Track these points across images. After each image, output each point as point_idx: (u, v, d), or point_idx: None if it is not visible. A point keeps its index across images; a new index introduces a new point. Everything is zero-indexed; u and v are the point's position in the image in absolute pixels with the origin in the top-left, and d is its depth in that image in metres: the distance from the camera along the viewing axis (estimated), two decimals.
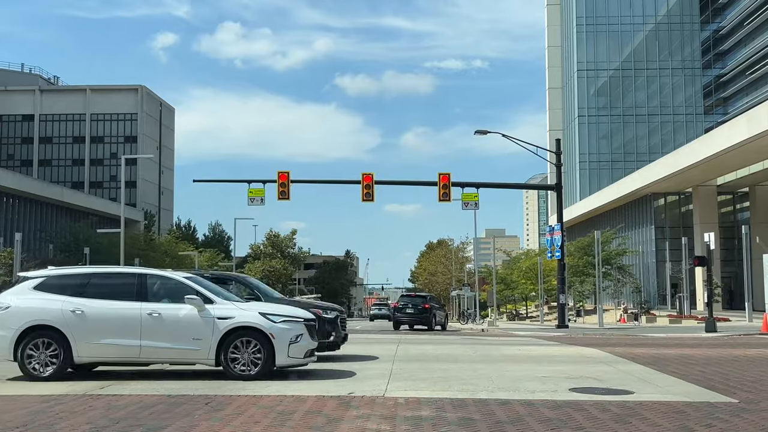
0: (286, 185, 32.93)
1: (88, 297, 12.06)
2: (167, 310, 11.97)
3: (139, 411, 8.90)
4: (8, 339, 11.80)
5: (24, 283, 12.44)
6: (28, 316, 11.89)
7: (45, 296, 12.10)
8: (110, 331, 11.89)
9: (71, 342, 11.81)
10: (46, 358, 11.80)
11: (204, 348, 11.82)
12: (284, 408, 9.09)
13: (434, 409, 9.04)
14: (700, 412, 8.99)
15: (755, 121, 37.44)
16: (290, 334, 11.87)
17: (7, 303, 12.09)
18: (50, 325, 11.84)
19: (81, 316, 11.88)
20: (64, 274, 12.65)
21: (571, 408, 9.17)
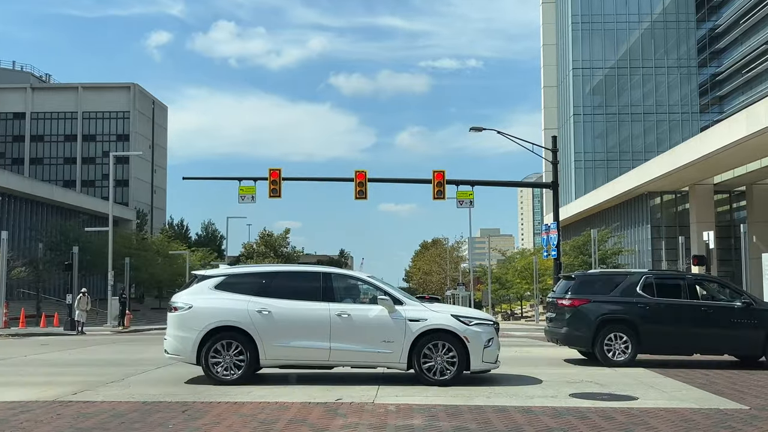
0: (278, 183, 32.29)
1: (272, 297, 11.37)
2: (357, 311, 11.31)
3: (110, 420, 8.31)
4: (191, 341, 11.14)
5: (203, 282, 11.70)
6: (212, 316, 11.21)
7: (228, 296, 11.41)
8: (299, 333, 11.19)
9: (258, 344, 11.13)
10: (232, 361, 11.14)
11: (396, 351, 11.12)
12: (266, 416, 8.51)
13: (427, 417, 8.47)
14: (710, 420, 8.45)
15: (754, 118, 36.94)
16: (484, 337, 11.27)
17: (189, 303, 11.39)
18: (236, 326, 11.16)
19: (268, 316, 11.18)
20: (245, 272, 12.02)
21: (573, 416, 8.62)
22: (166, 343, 11.60)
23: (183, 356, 11.36)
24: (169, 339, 11.52)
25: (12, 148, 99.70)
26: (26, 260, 50.41)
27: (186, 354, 11.27)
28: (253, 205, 49.21)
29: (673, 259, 50.81)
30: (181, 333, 11.31)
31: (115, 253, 43.00)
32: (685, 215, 57.30)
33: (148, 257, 64.18)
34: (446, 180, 32.79)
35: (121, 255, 50.85)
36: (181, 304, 11.47)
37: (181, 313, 11.40)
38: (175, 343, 11.40)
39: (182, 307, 11.41)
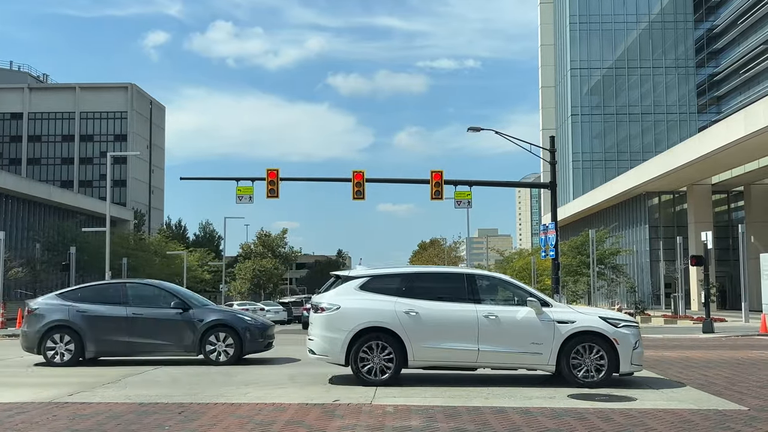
0: (275, 183, 32.22)
1: (417, 298, 11.29)
2: (504, 312, 11.24)
3: (106, 421, 8.26)
4: (341, 341, 11.08)
5: (348, 283, 11.62)
6: (360, 317, 11.15)
7: (374, 297, 11.35)
8: (447, 335, 11.10)
9: (407, 345, 11.05)
10: (381, 362, 11.08)
11: (545, 353, 11.04)
12: (263, 418, 8.47)
13: (424, 418, 8.42)
14: (708, 421, 8.42)
15: (752, 118, 36.99)
16: (632, 339, 11.17)
17: (337, 303, 11.31)
18: (384, 327, 11.10)
19: (416, 317, 11.10)
20: (390, 273, 11.90)
21: (572, 417, 8.58)
22: (312, 344, 11.50)
23: (331, 357, 11.30)
24: (315, 340, 11.42)
25: (9, 149, 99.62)
26: (23, 260, 50.35)
27: (334, 355, 11.21)
28: (251, 206, 49.23)
29: (671, 260, 50.84)
30: (329, 334, 11.23)
31: (112, 254, 42.91)
32: (683, 215, 57.34)
33: (145, 258, 64.12)
34: (444, 180, 32.76)
35: (118, 255, 50.80)
36: (328, 305, 11.38)
37: (328, 314, 11.31)
38: (322, 344, 11.31)
39: (329, 308, 11.32)
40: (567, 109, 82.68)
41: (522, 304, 11.36)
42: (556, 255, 35.16)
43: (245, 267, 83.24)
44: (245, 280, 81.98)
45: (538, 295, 11.55)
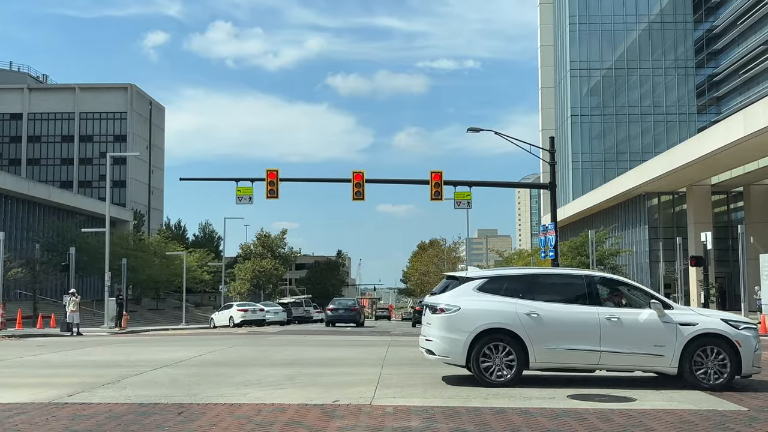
0: (275, 183, 32.24)
1: (537, 299, 11.29)
2: (626, 314, 11.19)
3: (106, 422, 8.25)
4: (462, 342, 11.06)
5: (466, 285, 11.57)
6: (481, 318, 11.11)
7: (493, 298, 11.33)
8: (568, 336, 11.07)
9: (528, 346, 11.03)
10: (502, 363, 11.05)
11: (667, 355, 11.00)
12: (263, 418, 8.46)
13: (424, 419, 8.42)
14: (708, 422, 8.42)
15: (751, 118, 37.01)
16: (753, 341, 11.14)
17: (457, 304, 11.28)
18: (505, 328, 11.08)
19: (537, 319, 11.08)
20: (508, 275, 11.92)
21: (571, 417, 8.58)
22: (432, 345, 11.45)
23: (451, 358, 11.28)
24: (435, 340, 11.38)
25: (9, 149, 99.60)
26: (23, 261, 50.26)
27: (455, 356, 11.19)
28: (251, 206, 49.25)
29: (671, 260, 50.83)
30: (449, 335, 11.19)
31: (112, 254, 42.92)
32: (683, 216, 57.35)
33: (145, 258, 64.12)
34: (444, 181, 32.78)
35: (118, 256, 50.79)
36: (447, 306, 11.34)
37: (448, 314, 11.27)
38: (443, 345, 11.26)
39: (449, 309, 11.28)
40: (566, 109, 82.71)
41: (641, 306, 11.37)
42: (556, 255, 35.18)
43: (245, 267, 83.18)
44: (245, 281, 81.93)
45: (659, 297, 11.50)
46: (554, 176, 32.98)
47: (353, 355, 17.55)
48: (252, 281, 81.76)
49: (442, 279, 12.87)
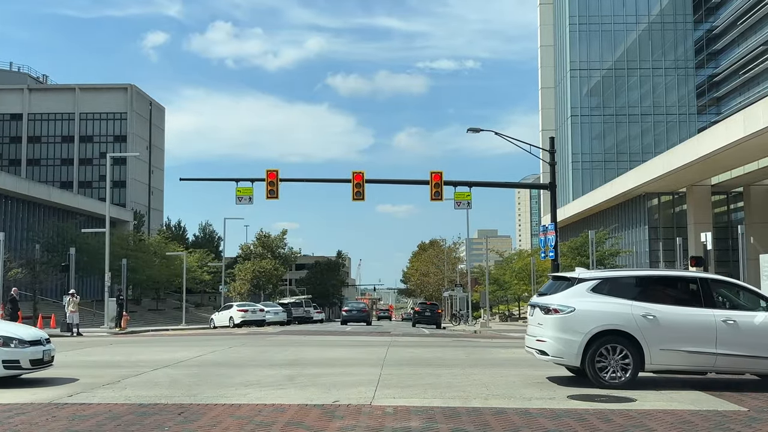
0: (275, 184, 32.23)
1: (651, 301, 11.24)
2: (742, 317, 11.17)
3: (106, 422, 8.25)
4: (577, 344, 11.04)
5: (579, 285, 11.54)
6: (597, 320, 11.08)
7: (607, 299, 11.28)
8: (685, 339, 11.03)
9: (644, 348, 11.00)
10: (618, 365, 11.04)
11: None
12: (263, 419, 8.46)
13: (424, 419, 8.42)
14: (708, 422, 8.42)
15: (751, 119, 37.01)
16: None
17: (571, 305, 11.26)
18: (621, 329, 11.03)
19: (653, 321, 11.04)
20: (622, 276, 11.86)
21: (571, 418, 8.58)
22: (544, 345, 11.41)
23: (566, 359, 11.28)
24: (549, 341, 11.35)
25: (9, 149, 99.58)
26: (23, 261, 50.26)
27: (570, 357, 11.17)
28: (251, 207, 49.24)
29: (671, 261, 50.80)
30: (564, 336, 11.17)
31: (112, 255, 42.91)
32: (683, 216, 57.33)
33: (145, 259, 64.06)
34: (444, 181, 32.77)
35: (118, 256, 50.76)
36: (562, 307, 11.32)
37: (563, 315, 11.25)
38: (557, 346, 11.24)
39: (564, 310, 11.27)
40: (566, 109, 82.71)
41: (754, 308, 11.37)
42: (556, 256, 35.16)
43: (245, 268, 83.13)
44: (245, 281, 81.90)
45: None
46: (554, 176, 32.97)
47: (353, 355, 17.55)
48: (252, 281, 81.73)
49: (548, 279, 12.81)
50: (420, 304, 60.42)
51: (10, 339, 11.63)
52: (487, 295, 58.36)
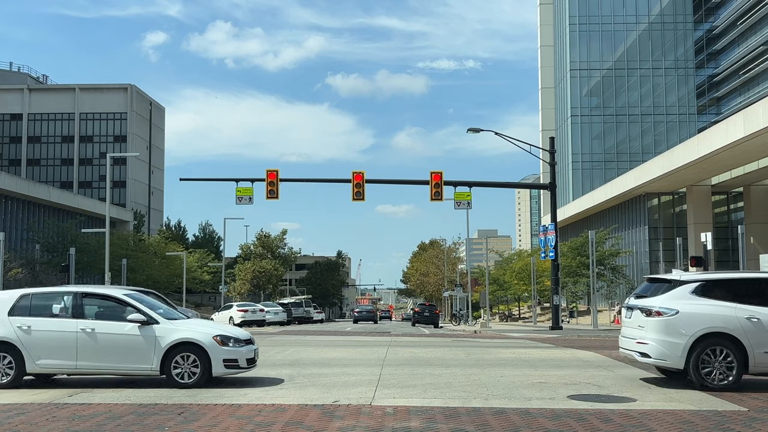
0: (275, 184, 32.28)
1: (755, 304, 11.17)
2: None
3: (106, 422, 8.25)
4: (681, 346, 11.02)
5: (682, 288, 11.48)
6: (702, 322, 11.05)
7: (710, 302, 11.26)
8: None
9: (748, 351, 10.97)
10: (721, 368, 10.98)
11: None
12: (263, 419, 8.47)
13: (424, 419, 8.43)
14: (708, 422, 8.42)
15: (751, 119, 36.96)
16: None
17: (675, 308, 11.24)
18: (725, 332, 11.00)
19: (757, 324, 10.99)
20: (724, 278, 11.79)
21: (571, 418, 8.58)
22: (647, 348, 11.38)
23: (670, 361, 11.24)
24: (651, 344, 11.32)
25: (9, 149, 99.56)
26: (23, 261, 50.32)
27: (674, 359, 11.14)
28: (251, 207, 49.26)
29: (671, 261, 50.81)
30: (668, 338, 11.15)
31: (112, 255, 42.92)
32: (683, 216, 57.32)
33: (145, 259, 64.06)
34: (444, 181, 32.78)
35: (118, 256, 50.80)
36: (665, 309, 11.30)
37: (667, 318, 11.23)
38: (661, 348, 11.21)
39: (667, 312, 11.25)
40: (567, 110, 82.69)
41: None
42: (556, 256, 35.23)
43: (245, 268, 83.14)
44: (245, 281, 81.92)
45: None
46: (554, 176, 33.00)
47: (353, 355, 17.54)
48: (252, 281, 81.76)
49: (643, 281, 12.74)
50: (419, 305, 64.80)
51: (228, 338, 11.59)
52: (487, 295, 58.35)
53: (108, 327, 11.45)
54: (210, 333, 11.55)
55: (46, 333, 11.44)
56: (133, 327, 11.40)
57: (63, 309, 11.78)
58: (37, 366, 11.43)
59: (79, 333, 11.39)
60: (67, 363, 11.37)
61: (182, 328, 11.64)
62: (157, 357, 11.27)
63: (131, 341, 11.33)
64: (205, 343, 11.33)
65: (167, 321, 11.65)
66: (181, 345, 11.34)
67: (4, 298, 12.00)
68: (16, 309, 11.73)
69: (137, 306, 11.69)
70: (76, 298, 11.76)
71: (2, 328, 11.54)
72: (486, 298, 58.86)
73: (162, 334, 11.37)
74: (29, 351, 11.38)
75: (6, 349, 11.43)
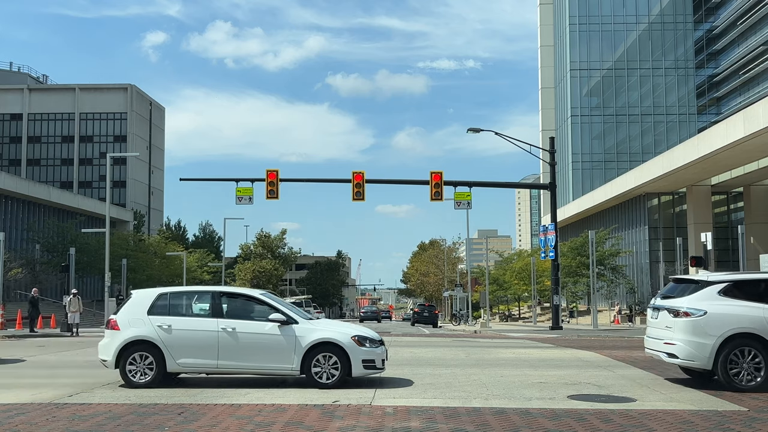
0: (275, 184, 32.27)
1: None
2: None
3: (106, 422, 8.25)
4: (709, 347, 10.97)
5: (709, 288, 11.40)
6: (730, 323, 11.01)
7: (738, 302, 11.23)
8: None
9: None
10: (750, 368, 10.98)
11: None
12: (263, 419, 8.47)
13: (424, 419, 8.42)
14: (708, 422, 8.42)
15: (751, 119, 36.96)
16: None
17: (702, 308, 11.20)
18: (754, 333, 10.96)
19: None
20: (752, 279, 11.72)
21: (571, 418, 8.58)
22: (675, 349, 11.33)
23: (697, 362, 11.19)
24: (679, 344, 11.26)
25: (9, 149, 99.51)
26: (23, 261, 50.30)
27: (701, 360, 11.10)
28: (251, 207, 49.29)
29: (671, 261, 50.84)
30: (696, 339, 11.11)
31: (112, 255, 42.88)
32: (683, 216, 57.31)
33: (145, 259, 64.05)
34: (444, 181, 32.77)
35: (118, 256, 50.77)
36: (692, 310, 11.27)
37: (695, 319, 11.19)
38: (689, 349, 11.17)
39: (695, 313, 11.21)
40: (567, 110, 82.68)
41: None
42: (556, 256, 35.22)
43: (245, 268, 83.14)
44: (245, 281, 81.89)
45: None
46: (554, 176, 32.99)
47: None
48: (252, 281, 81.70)
49: (669, 282, 12.68)
50: (419, 306, 67.45)
51: (365, 338, 11.53)
52: (487, 295, 58.32)
53: (248, 326, 11.42)
54: (348, 333, 11.51)
55: (187, 332, 11.40)
56: (273, 326, 11.36)
57: (202, 308, 11.77)
58: (178, 365, 11.36)
59: (220, 332, 11.34)
60: (209, 362, 11.32)
61: (321, 327, 11.62)
62: (297, 357, 11.23)
63: (272, 341, 11.30)
64: (344, 344, 11.28)
65: (305, 321, 11.63)
66: (321, 345, 11.28)
67: (143, 297, 11.96)
68: (154, 308, 11.70)
69: (276, 306, 11.69)
70: (214, 298, 11.74)
71: (143, 327, 11.49)
72: (486, 298, 58.83)
73: (302, 334, 11.32)
74: (170, 350, 11.32)
75: (147, 348, 11.39)
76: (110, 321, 11.80)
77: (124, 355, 11.37)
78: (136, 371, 11.34)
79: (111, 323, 11.72)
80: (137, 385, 11.21)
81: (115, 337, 11.52)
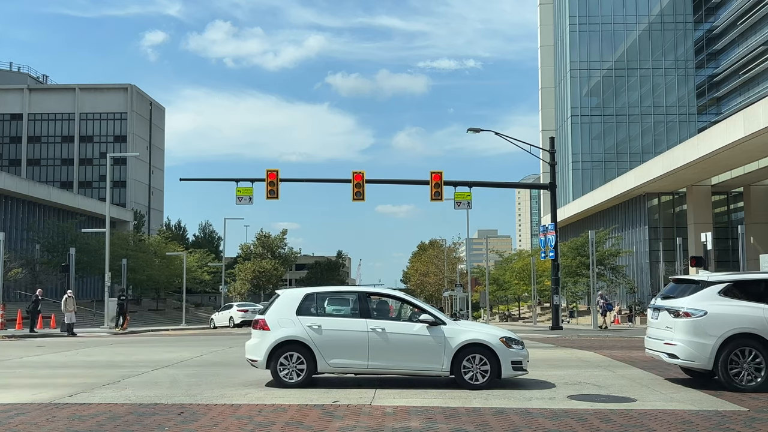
0: (275, 184, 32.26)
1: None
2: None
3: (106, 422, 8.25)
4: (710, 347, 10.96)
5: (710, 288, 11.42)
6: (730, 323, 11.01)
7: (738, 302, 11.22)
8: None
9: None
10: (749, 369, 10.97)
11: None
12: (263, 419, 8.47)
13: (424, 419, 8.42)
14: (708, 422, 8.42)
15: (751, 119, 36.94)
16: None
17: (702, 309, 11.20)
18: (753, 333, 10.97)
19: None
20: (752, 279, 11.76)
21: (571, 418, 8.58)
22: (674, 349, 11.38)
23: (698, 362, 11.20)
24: (679, 345, 11.27)
25: (9, 149, 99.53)
26: (23, 261, 50.29)
27: (702, 360, 11.10)
28: (251, 207, 49.34)
29: (671, 261, 50.84)
30: (696, 339, 11.11)
31: (112, 255, 42.88)
32: (683, 216, 57.30)
33: (145, 259, 64.03)
34: (444, 181, 32.76)
35: (118, 256, 50.76)
36: (693, 310, 11.28)
37: (695, 319, 11.19)
38: (689, 350, 11.18)
39: (695, 313, 11.21)
40: (567, 110, 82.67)
41: None
42: (556, 256, 35.20)
43: (245, 268, 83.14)
44: (245, 281, 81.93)
45: None
46: (554, 176, 32.98)
47: None
48: (252, 281, 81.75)
49: (669, 282, 12.68)
50: None
51: (512, 339, 11.47)
52: (487, 295, 58.36)
53: (397, 327, 11.38)
54: (496, 335, 11.46)
55: (337, 332, 11.35)
56: (422, 327, 11.32)
57: (351, 309, 11.76)
58: (330, 365, 11.32)
59: (370, 333, 11.30)
60: (359, 363, 11.29)
61: (469, 329, 11.60)
62: (447, 358, 11.18)
63: (421, 341, 11.26)
64: (494, 345, 11.24)
65: (453, 322, 11.59)
66: (470, 346, 11.23)
67: (291, 297, 11.88)
68: (302, 308, 11.64)
69: (423, 306, 11.63)
70: (361, 298, 11.67)
71: (293, 327, 11.43)
72: (486, 298, 58.89)
73: (451, 335, 11.28)
74: (321, 350, 11.28)
75: (297, 349, 11.35)
76: (259, 321, 11.66)
77: (275, 355, 11.32)
78: (287, 371, 11.32)
79: (260, 323, 11.61)
80: (287, 386, 11.18)
81: (265, 337, 11.44)
